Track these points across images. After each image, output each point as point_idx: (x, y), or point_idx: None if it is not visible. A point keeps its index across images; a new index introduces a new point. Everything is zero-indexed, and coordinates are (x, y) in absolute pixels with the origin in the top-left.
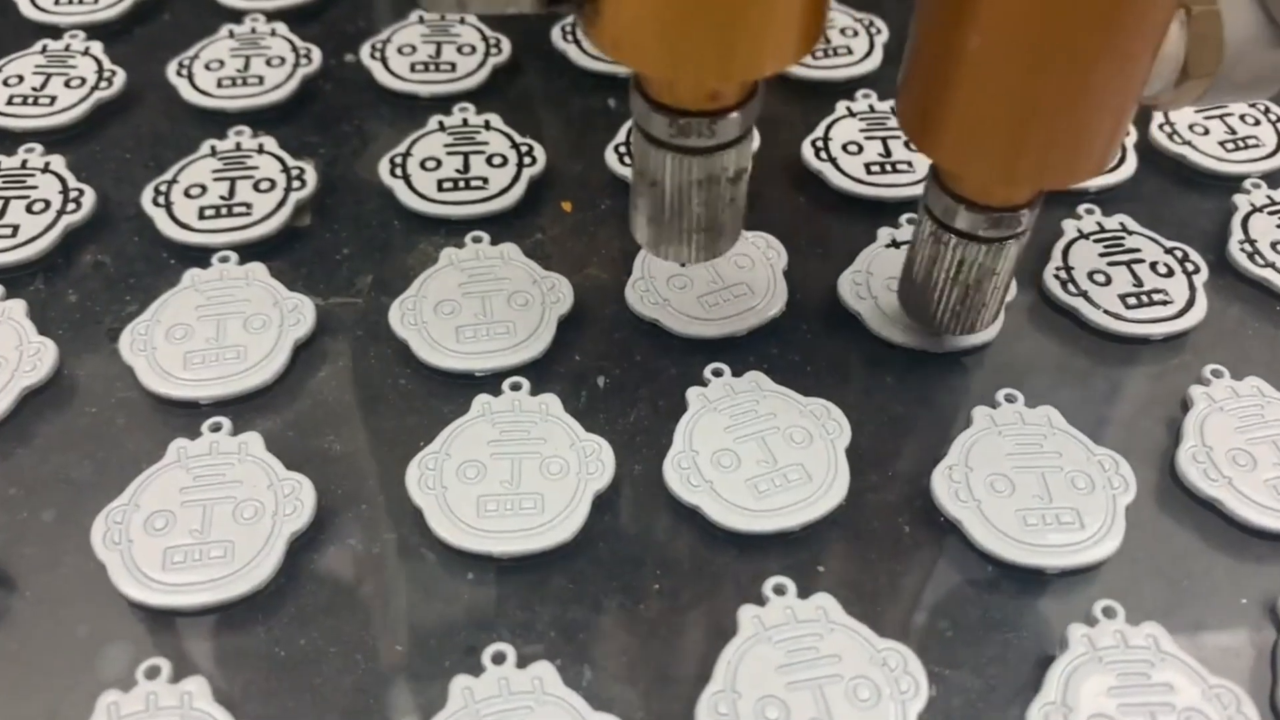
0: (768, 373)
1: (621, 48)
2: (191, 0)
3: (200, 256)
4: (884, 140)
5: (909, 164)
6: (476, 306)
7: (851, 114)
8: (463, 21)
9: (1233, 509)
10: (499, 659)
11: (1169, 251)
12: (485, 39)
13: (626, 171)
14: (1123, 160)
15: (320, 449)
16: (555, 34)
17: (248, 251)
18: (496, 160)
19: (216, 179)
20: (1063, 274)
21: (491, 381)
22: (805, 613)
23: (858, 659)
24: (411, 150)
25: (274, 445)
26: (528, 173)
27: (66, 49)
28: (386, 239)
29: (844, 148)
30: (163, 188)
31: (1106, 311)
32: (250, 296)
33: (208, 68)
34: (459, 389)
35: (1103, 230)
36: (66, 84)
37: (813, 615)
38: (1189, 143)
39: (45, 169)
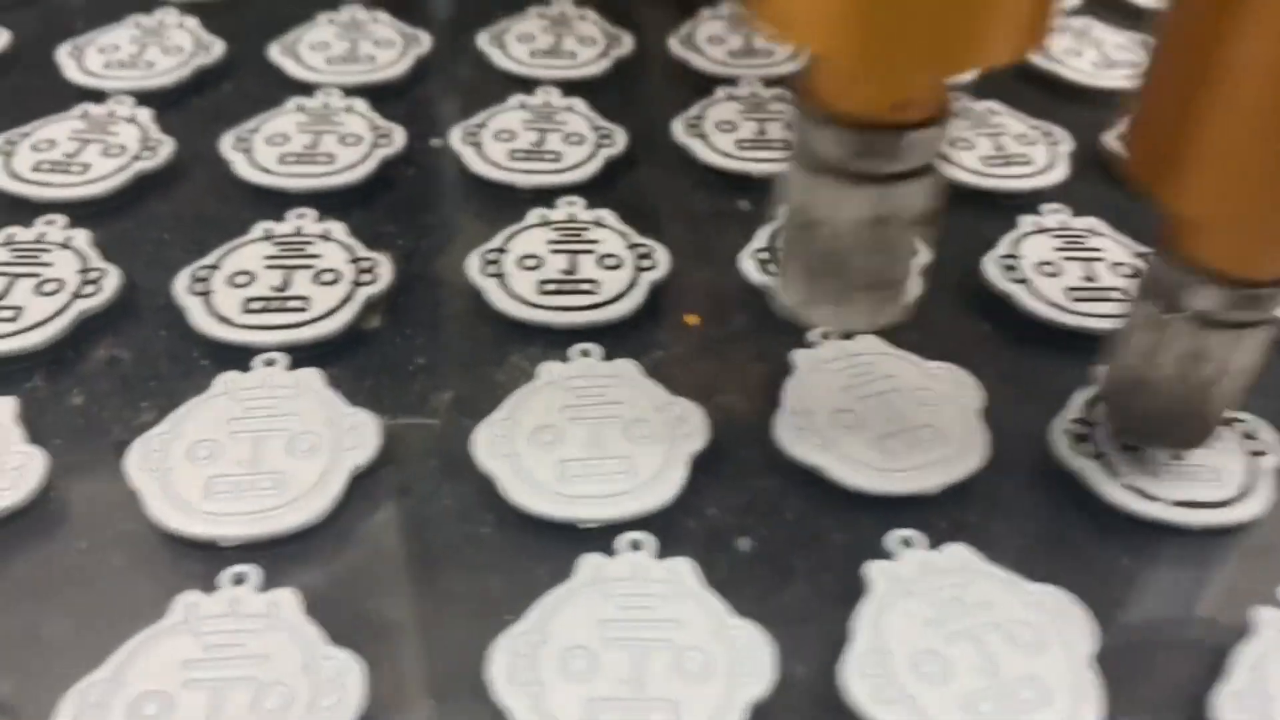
0: (970, 544)
1: (795, 24)
2: (258, 71)
3: (241, 359)
4: (1087, 261)
5: (1120, 290)
6: (584, 436)
7: (1042, 230)
8: (569, 109)
9: None
10: None
11: None
12: (595, 128)
13: (765, 280)
14: None
15: (373, 616)
16: (677, 126)
17: (301, 356)
18: (610, 262)
19: (270, 267)
20: None
21: (600, 536)
22: None
23: None
24: (507, 246)
25: (315, 608)
26: (647, 277)
27: (110, 114)
28: (472, 349)
29: (1038, 267)
30: (202, 274)
31: None
32: (299, 410)
33: (269, 142)
34: (558, 544)
35: None
36: (104, 152)
37: None
38: None
39: (65, 244)
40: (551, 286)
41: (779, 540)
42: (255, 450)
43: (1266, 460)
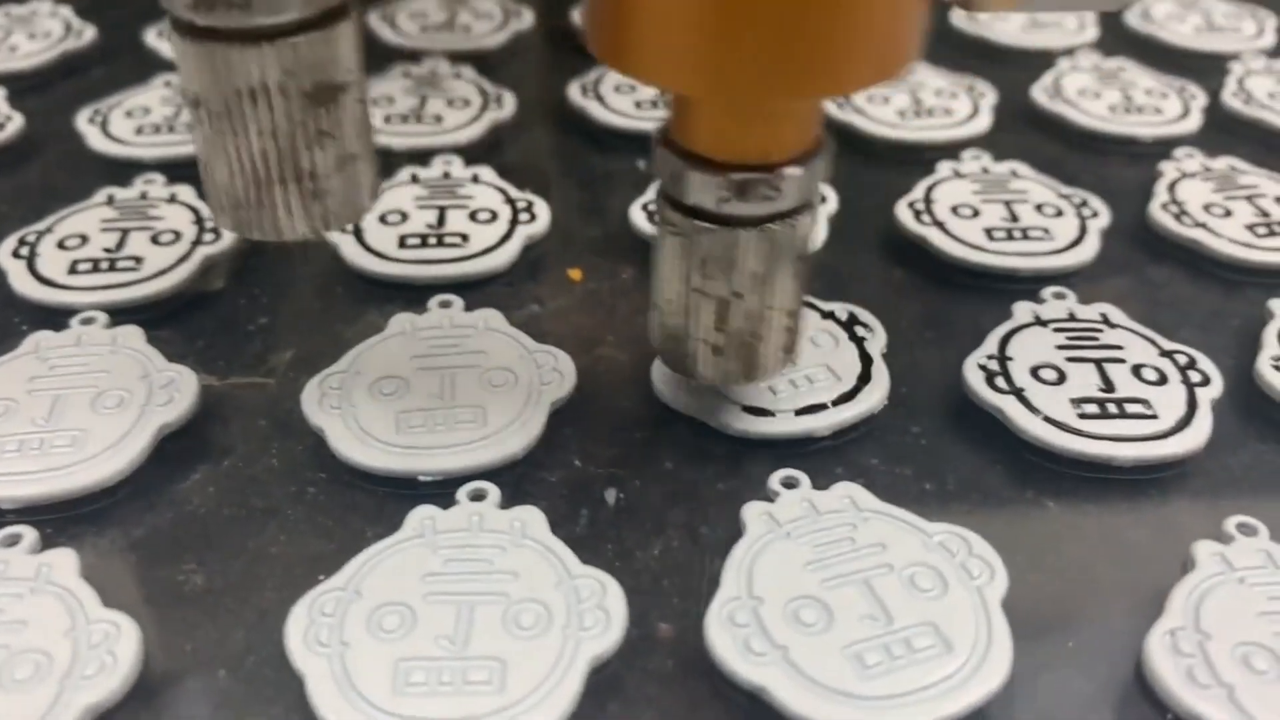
0: (869, 487)
1: (642, 59)
2: (131, 51)
3: (62, 321)
4: (1009, 204)
5: (1045, 230)
6: (434, 386)
7: (960, 175)
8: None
9: None
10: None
11: None
12: (484, 93)
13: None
14: None
15: (172, 582)
16: (574, 89)
17: (131, 317)
18: (483, 216)
19: (106, 230)
20: None
21: (445, 491)
22: None
23: None
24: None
25: (97, 571)
26: (524, 231)
27: None
28: (323, 308)
29: (954, 210)
30: (30, 238)
31: None
32: (111, 368)
33: (128, 114)
34: (395, 501)
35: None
36: None
37: None
38: None
39: None
40: (414, 241)
41: (653, 492)
42: (55, 408)
43: (1206, 391)
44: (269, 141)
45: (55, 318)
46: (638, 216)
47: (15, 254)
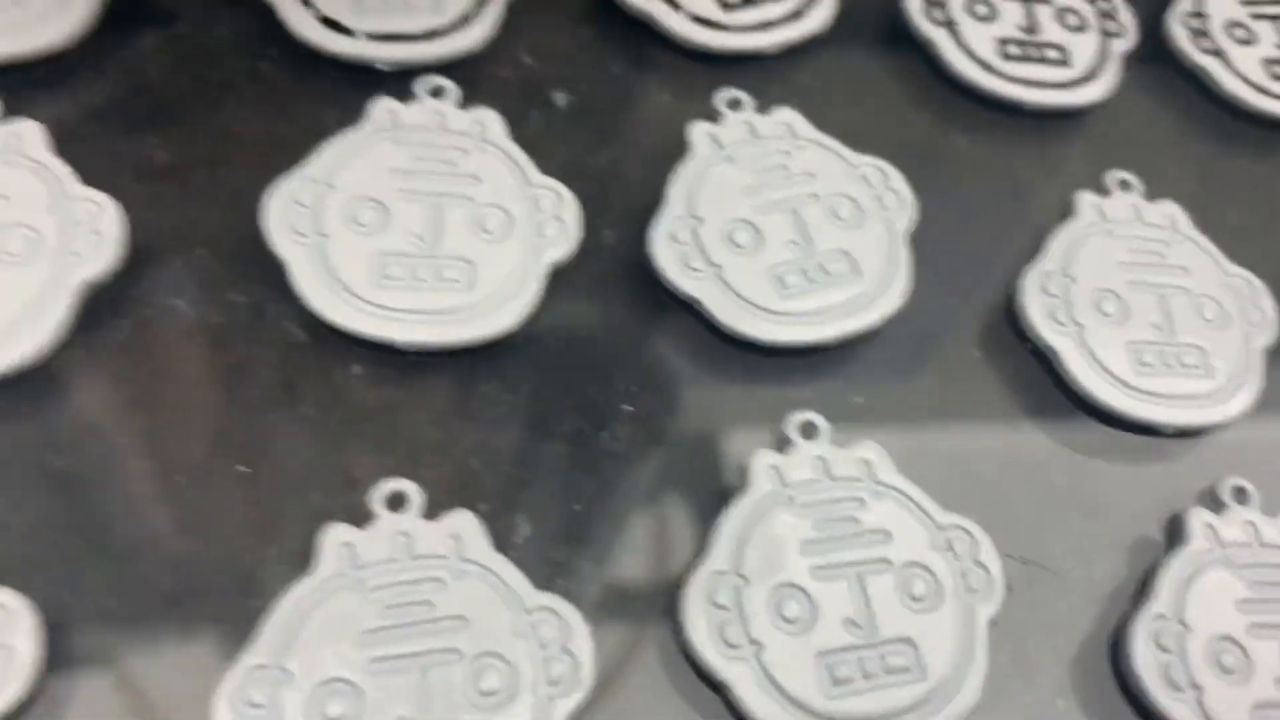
0: (803, 112)
1: None
2: None
3: None
4: None
5: None
6: None
7: None
8: None
9: None
10: (397, 503)
11: None
12: None
13: None
14: None
15: (140, 158)
16: None
17: None
18: None
19: None
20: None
21: (400, 80)
22: None
23: None
24: None
25: (66, 147)
26: None
27: None
28: None
29: None
30: None
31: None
32: None
33: None
34: (351, 87)
35: None
36: None
37: None
38: None
39: None
40: None
41: (600, 97)
42: None
43: (1118, 44)
44: None
45: None
46: None
47: None
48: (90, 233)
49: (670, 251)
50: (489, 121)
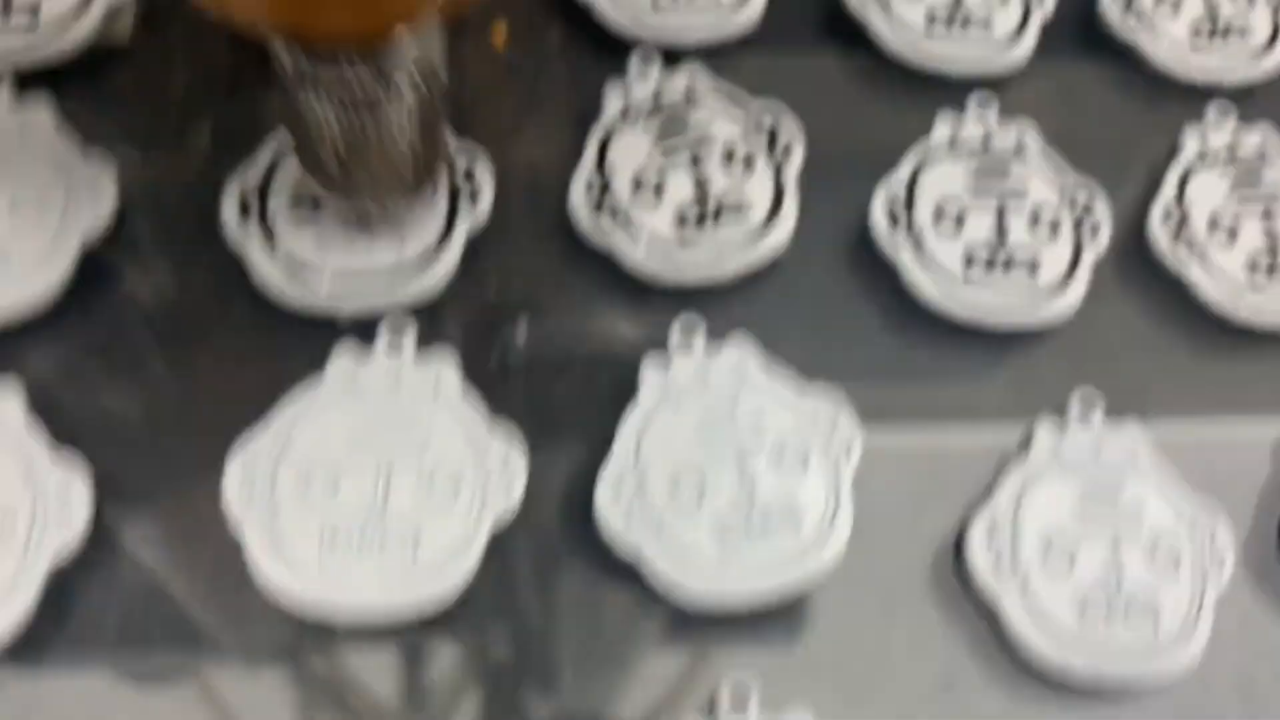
0: (760, 337)
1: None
2: None
3: None
4: None
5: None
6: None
7: None
8: None
9: None
10: None
11: None
12: None
13: None
14: None
15: (103, 416)
16: None
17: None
18: None
19: None
20: None
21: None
22: None
23: None
24: None
25: (40, 408)
26: None
27: None
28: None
29: None
30: None
31: None
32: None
33: None
34: (314, 331)
35: None
36: None
37: None
38: None
39: None
40: None
41: (562, 330)
42: None
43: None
44: None
45: None
46: None
47: None
48: (62, 505)
49: (617, 509)
50: (445, 373)
